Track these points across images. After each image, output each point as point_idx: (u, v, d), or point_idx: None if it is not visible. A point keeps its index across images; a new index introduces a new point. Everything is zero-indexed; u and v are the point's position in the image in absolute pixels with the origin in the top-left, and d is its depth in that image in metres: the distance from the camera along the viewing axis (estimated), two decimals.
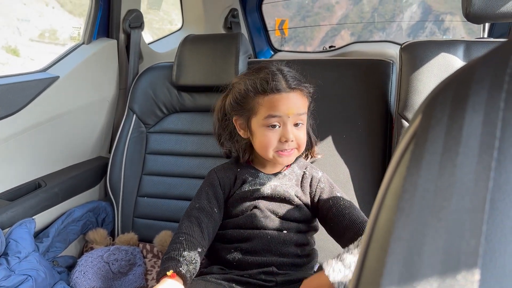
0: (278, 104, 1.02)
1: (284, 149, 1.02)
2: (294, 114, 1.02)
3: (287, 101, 1.02)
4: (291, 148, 1.03)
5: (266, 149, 1.04)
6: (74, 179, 1.41)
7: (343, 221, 1.01)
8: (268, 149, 1.03)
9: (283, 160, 1.04)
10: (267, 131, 1.03)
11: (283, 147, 1.02)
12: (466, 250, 0.26)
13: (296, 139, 1.03)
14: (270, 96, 1.03)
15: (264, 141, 1.03)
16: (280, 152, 1.03)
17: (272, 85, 1.02)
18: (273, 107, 1.02)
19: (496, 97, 0.30)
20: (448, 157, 0.30)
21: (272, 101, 1.02)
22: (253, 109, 1.05)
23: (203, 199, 1.07)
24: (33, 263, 1.05)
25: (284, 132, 1.02)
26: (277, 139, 1.02)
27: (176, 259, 0.92)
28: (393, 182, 0.33)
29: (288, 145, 1.02)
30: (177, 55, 1.47)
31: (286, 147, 1.02)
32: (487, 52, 0.34)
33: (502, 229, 0.26)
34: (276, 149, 1.03)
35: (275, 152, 1.03)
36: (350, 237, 0.98)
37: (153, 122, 1.51)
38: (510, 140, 0.28)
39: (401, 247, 0.28)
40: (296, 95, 1.04)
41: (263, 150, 1.05)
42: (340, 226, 1.02)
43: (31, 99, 1.31)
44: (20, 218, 1.17)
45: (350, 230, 0.99)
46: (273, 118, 1.02)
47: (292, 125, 1.03)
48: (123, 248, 1.28)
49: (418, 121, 0.34)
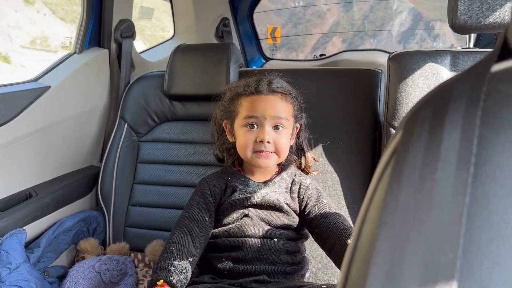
0: (256, 104, 1.05)
1: (260, 150, 1.04)
2: (271, 116, 1.04)
3: (265, 102, 1.05)
4: (268, 150, 1.04)
5: (244, 150, 1.06)
6: (66, 189, 1.41)
7: (327, 227, 1.03)
8: (246, 150, 1.05)
9: (260, 161, 1.05)
10: (245, 132, 1.06)
11: (260, 147, 1.04)
12: (444, 263, 0.27)
13: (274, 143, 1.05)
14: (250, 97, 1.07)
15: (242, 141, 1.06)
16: (258, 153, 1.05)
17: (253, 87, 1.06)
18: (251, 107, 1.05)
19: (473, 114, 0.31)
20: (428, 172, 0.31)
21: (251, 102, 1.06)
22: (236, 111, 1.09)
23: (194, 208, 1.08)
24: (24, 274, 1.04)
25: (260, 132, 1.04)
26: (254, 139, 1.04)
27: (166, 268, 0.92)
28: (375, 195, 0.34)
29: (264, 146, 1.04)
30: (169, 64, 1.48)
31: (262, 148, 1.04)
32: (465, 70, 0.36)
33: (479, 242, 0.27)
34: (253, 150, 1.05)
35: (253, 153, 1.05)
36: (332, 243, 1.00)
37: (145, 131, 1.52)
38: (486, 156, 0.29)
39: (383, 260, 0.29)
40: (276, 98, 1.06)
41: (242, 151, 1.07)
42: (324, 232, 1.03)
43: (22, 109, 1.31)
44: (11, 228, 1.17)
45: (332, 236, 1.01)
46: (250, 118, 1.05)
47: (271, 127, 1.05)
48: (115, 257, 1.28)
49: (399, 137, 0.35)
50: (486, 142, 0.30)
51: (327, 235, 1.02)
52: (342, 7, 23.40)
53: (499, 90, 0.32)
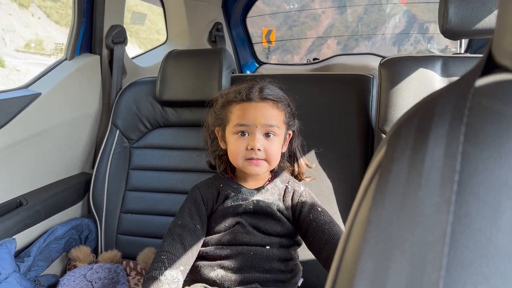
0: (247, 112, 1.04)
1: (251, 157, 1.04)
2: (261, 123, 1.03)
3: (255, 110, 1.04)
4: (258, 157, 1.04)
5: (235, 157, 1.06)
6: (57, 196, 1.39)
7: (322, 236, 1.02)
8: (237, 157, 1.05)
9: (251, 169, 1.05)
10: (236, 139, 1.05)
11: (251, 155, 1.03)
12: (427, 283, 0.26)
13: (265, 150, 1.04)
14: (241, 104, 1.06)
15: (233, 149, 1.06)
16: (249, 161, 1.04)
17: (244, 94, 1.06)
18: (242, 115, 1.05)
19: (457, 130, 0.30)
20: (411, 190, 0.30)
21: (242, 109, 1.06)
22: (227, 118, 1.08)
23: (185, 216, 1.07)
24: (13, 284, 1.03)
25: (250, 140, 1.03)
26: (244, 146, 1.04)
27: (157, 278, 0.91)
28: (359, 212, 0.34)
29: (255, 153, 1.03)
30: (161, 70, 1.47)
31: (253, 156, 1.03)
32: (449, 84, 0.35)
33: (462, 261, 0.27)
34: (244, 157, 1.04)
35: (244, 161, 1.05)
36: (328, 253, 0.99)
37: (137, 137, 1.51)
38: (469, 173, 0.29)
39: (366, 280, 0.28)
40: (267, 105, 1.06)
41: (233, 158, 1.07)
42: (319, 241, 1.02)
43: (12, 117, 1.29)
44: (1, 237, 1.16)
45: (328, 245, 1.00)
46: (241, 126, 1.04)
47: (262, 135, 1.04)
48: (106, 266, 1.27)
49: (383, 152, 0.35)
50: (469, 159, 0.29)
51: (323, 245, 1.01)
52: (337, 10, 23.48)
53: (483, 105, 0.31)
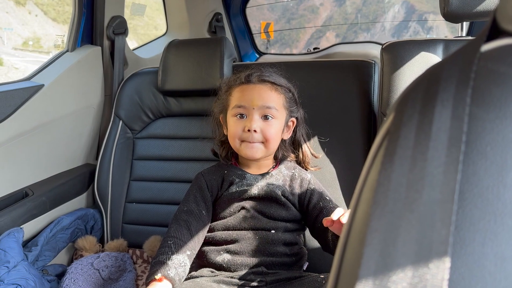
0: (244, 93, 1.06)
1: (248, 139, 1.05)
2: (259, 105, 1.04)
3: (253, 91, 1.05)
4: (255, 140, 1.05)
5: (233, 139, 1.07)
6: (62, 187, 1.40)
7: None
8: (235, 139, 1.06)
9: (247, 151, 1.06)
10: (234, 121, 1.06)
11: (247, 137, 1.04)
12: (437, 240, 0.27)
13: (263, 132, 1.05)
14: (240, 86, 1.08)
15: (232, 131, 1.07)
16: (245, 143, 1.05)
17: (243, 76, 1.07)
18: (240, 97, 1.06)
19: (463, 93, 0.31)
20: (419, 152, 0.31)
21: (240, 91, 1.07)
22: (228, 102, 1.10)
23: (191, 202, 1.08)
24: (22, 272, 1.04)
25: (248, 121, 1.04)
26: (242, 128, 1.04)
27: (164, 262, 0.92)
28: (369, 177, 0.34)
29: (252, 136, 1.04)
30: (162, 60, 1.48)
31: (250, 138, 1.04)
32: (455, 51, 0.36)
33: (471, 218, 0.27)
34: (240, 139, 1.05)
35: (241, 143, 1.06)
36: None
37: (140, 127, 1.51)
38: (477, 133, 0.29)
39: (377, 239, 0.29)
40: (265, 87, 1.06)
41: (232, 140, 1.08)
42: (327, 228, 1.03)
43: (16, 108, 1.30)
44: (8, 227, 1.17)
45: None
46: (239, 108, 1.05)
47: (259, 117, 1.05)
48: (113, 254, 1.28)
49: (391, 119, 0.35)
50: (476, 120, 0.30)
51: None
52: (335, 2, 23.40)
53: (489, 68, 0.32)
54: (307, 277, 1.03)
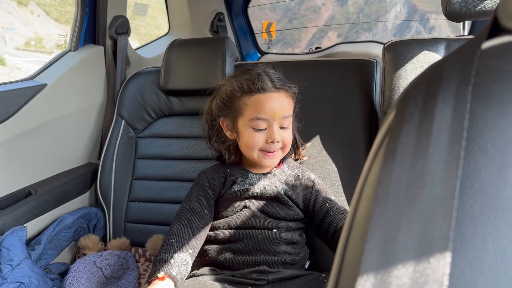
0: (264, 105, 1.03)
1: (269, 150, 1.04)
2: (280, 117, 1.04)
3: (272, 102, 1.04)
4: (277, 149, 1.05)
5: (251, 150, 1.05)
6: (65, 186, 1.41)
7: (338, 224, 1.05)
8: (254, 150, 1.05)
9: (267, 161, 1.06)
10: (253, 132, 1.04)
11: (269, 148, 1.04)
12: (438, 235, 0.27)
13: (282, 140, 1.05)
14: (256, 96, 1.04)
15: (250, 142, 1.05)
16: (265, 153, 1.05)
17: (258, 85, 1.04)
18: (259, 108, 1.03)
19: (464, 90, 0.31)
20: (420, 149, 0.31)
21: (258, 102, 1.04)
22: (239, 110, 1.07)
23: (193, 201, 1.08)
24: (25, 270, 1.05)
25: (270, 133, 1.03)
26: (263, 140, 1.04)
27: (167, 261, 0.93)
28: (370, 174, 0.35)
29: (274, 146, 1.04)
30: (164, 59, 1.48)
31: (272, 148, 1.04)
32: (455, 49, 0.36)
33: (472, 214, 0.28)
34: (261, 149, 1.05)
35: (260, 152, 1.05)
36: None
37: (142, 127, 1.52)
38: (477, 129, 0.30)
39: (378, 235, 0.29)
40: (281, 95, 1.06)
41: (249, 151, 1.06)
42: (335, 228, 1.05)
43: (19, 107, 1.31)
44: (11, 226, 1.17)
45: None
46: (259, 120, 1.03)
47: (278, 126, 1.05)
48: (116, 253, 1.29)
49: (392, 116, 0.36)
50: (477, 117, 0.30)
51: (339, 230, 1.04)
52: (337, 1, 23.38)
53: (490, 66, 0.32)
54: (308, 275, 1.03)
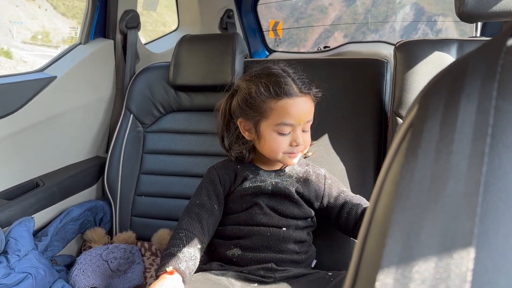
0: (290, 111, 1.03)
1: (293, 152, 1.06)
2: (304, 121, 1.04)
3: (298, 107, 1.04)
4: (299, 151, 1.07)
5: (276, 152, 1.06)
6: (72, 179, 1.42)
7: (358, 211, 1.08)
8: (278, 152, 1.06)
9: (289, 161, 1.08)
10: (278, 136, 1.05)
11: (293, 150, 1.05)
12: (461, 231, 0.27)
13: (304, 143, 1.06)
14: (283, 101, 1.03)
15: (275, 145, 1.05)
16: (289, 154, 1.06)
17: (286, 89, 1.03)
18: (286, 114, 1.03)
19: (489, 86, 0.31)
20: (444, 144, 0.31)
21: (284, 107, 1.03)
22: (265, 113, 1.05)
23: (203, 196, 1.08)
24: (32, 261, 1.05)
25: (295, 137, 1.04)
26: (287, 143, 1.05)
27: (175, 255, 0.93)
28: (391, 169, 0.35)
29: (297, 148, 1.05)
30: (174, 55, 1.48)
31: (295, 151, 1.06)
32: (480, 45, 0.36)
33: (495, 211, 0.28)
34: (285, 152, 1.05)
35: (284, 154, 1.06)
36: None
37: (150, 121, 1.52)
38: (503, 126, 0.30)
39: (399, 230, 0.29)
40: (306, 100, 1.06)
41: (272, 153, 1.07)
42: (354, 218, 1.07)
43: (28, 99, 1.31)
44: (19, 217, 1.18)
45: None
46: (285, 126, 1.04)
47: (301, 130, 1.05)
48: (122, 246, 1.29)
49: (415, 112, 0.36)
50: (503, 113, 0.30)
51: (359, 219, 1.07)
52: (344, 2, 23.33)
53: None
54: (315, 274, 1.03)
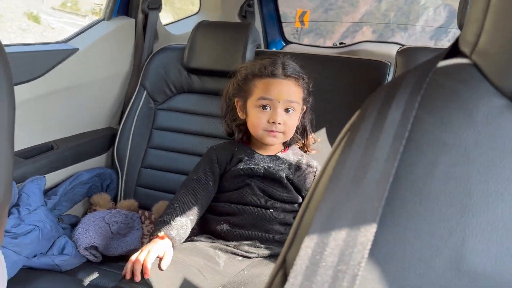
0: (271, 87, 1.12)
1: (271, 130, 1.12)
2: (284, 99, 1.11)
3: (279, 86, 1.12)
4: (278, 130, 1.13)
5: (256, 128, 1.14)
6: (84, 145, 1.51)
7: None
8: (258, 128, 1.13)
9: (269, 139, 1.14)
10: (258, 112, 1.13)
11: (271, 128, 1.12)
12: (370, 210, 0.35)
13: (284, 124, 1.12)
14: (266, 79, 1.13)
15: (255, 121, 1.13)
16: (268, 132, 1.13)
17: (269, 70, 1.13)
18: (266, 90, 1.12)
19: (414, 99, 0.39)
20: (371, 142, 0.38)
21: (266, 84, 1.13)
22: (250, 91, 1.16)
23: (200, 172, 1.17)
24: (41, 215, 1.16)
25: (273, 114, 1.11)
26: (266, 120, 1.12)
27: (168, 223, 1.02)
28: (333, 156, 0.42)
29: (275, 127, 1.12)
30: (190, 38, 1.56)
31: (273, 128, 1.12)
32: (420, 63, 0.43)
33: (402, 198, 0.35)
34: (264, 129, 1.13)
35: (264, 132, 1.13)
36: None
37: (162, 99, 1.61)
38: (417, 132, 0.37)
39: (326, 206, 0.37)
40: (290, 82, 1.13)
41: (253, 129, 1.15)
42: None
43: (50, 68, 1.40)
44: (32, 175, 1.28)
45: None
46: (264, 100, 1.12)
47: (282, 109, 1.12)
48: (124, 212, 1.39)
49: (357, 114, 0.43)
50: (419, 122, 0.37)
51: None
52: None
53: (438, 82, 0.39)
54: None
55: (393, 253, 0.35)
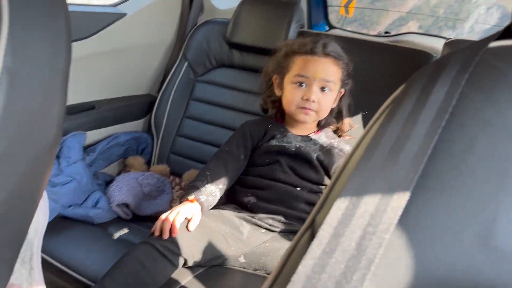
0: (308, 65, 1.12)
1: (304, 106, 1.13)
2: (320, 78, 1.11)
3: (317, 64, 1.11)
4: (311, 108, 1.13)
5: (290, 104, 1.14)
6: (124, 108, 1.56)
7: None
8: (292, 104, 1.14)
9: (301, 116, 1.14)
10: (293, 88, 1.13)
11: (304, 104, 1.12)
12: (405, 179, 0.35)
13: (318, 102, 1.13)
14: (304, 56, 1.13)
15: (289, 97, 1.14)
16: (301, 109, 1.13)
17: (309, 47, 1.13)
18: (303, 67, 1.12)
19: (461, 76, 0.39)
20: (413, 116, 0.39)
21: (304, 61, 1.13)
22: (288, 67, 1.16)
23: (233, 145, 1.19)
24: (79, 169, 1.21)
25: (307, 91, 1.12)
26: (300, 96, 1.12)
27: (199, 188, 1.05)
28: (371, 129, 0.43)
29: (309, 104, 1.12)
30: (235, 13, 1.57)
31: (306, 105, 1.12)
32: (470, 44, 0.43)
33: (439, 172, 0.35)
34: (298, 106, 1.13)
35: (297, 108, 1.14)
36: None
37: (202, 72, 1.63)
38: (461, 108, 0.37)
39: (360, 174, 0.37)
40: (328, 61, 1.13)
41: (288, 105, 1.16)
42: None
43: (98, 30, 1.44)
44: (74, 130, 1.34)
45: None
46: (301, 77, 1.12)
47: (318, 88, 1.12)
48: (156, 176, 1.43)
49: (401, 89, 0.44)
50: (465, 98, 0.37)
51: None
52: None
53: (488, 62, 0.39)
54: None
55: (423, 223, 0.35)
